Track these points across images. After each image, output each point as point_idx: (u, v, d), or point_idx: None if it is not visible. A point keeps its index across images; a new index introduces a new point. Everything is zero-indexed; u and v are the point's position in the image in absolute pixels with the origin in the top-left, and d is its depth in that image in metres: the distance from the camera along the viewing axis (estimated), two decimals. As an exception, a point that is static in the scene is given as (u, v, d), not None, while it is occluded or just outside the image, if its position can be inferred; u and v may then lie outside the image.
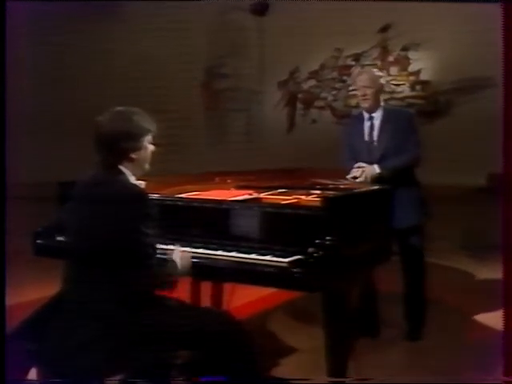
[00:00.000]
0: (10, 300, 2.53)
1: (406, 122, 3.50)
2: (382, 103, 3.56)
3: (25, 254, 2.96)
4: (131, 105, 2.38)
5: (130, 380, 2.16)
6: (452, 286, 4.54)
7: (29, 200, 6.80)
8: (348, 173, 3.42)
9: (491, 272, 2.87)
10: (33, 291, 3.87)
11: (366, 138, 3.52)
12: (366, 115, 3.55)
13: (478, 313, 3.91)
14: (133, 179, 2.33)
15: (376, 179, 3.32)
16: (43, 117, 9.47)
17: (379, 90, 3.53)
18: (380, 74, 3.64)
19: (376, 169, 3.36)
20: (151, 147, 2.38)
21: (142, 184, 2.41)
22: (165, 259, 2.34)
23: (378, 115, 3.50)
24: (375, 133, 3.50)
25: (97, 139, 2.29)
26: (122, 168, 2.29)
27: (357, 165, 3.40)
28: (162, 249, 2.39)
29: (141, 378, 2.17)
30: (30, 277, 4.28)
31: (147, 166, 2.40)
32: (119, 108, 2.35)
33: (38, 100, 9.47)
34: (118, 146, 2.27)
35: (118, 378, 2.15)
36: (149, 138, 2.36)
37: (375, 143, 3.50)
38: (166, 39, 9.68)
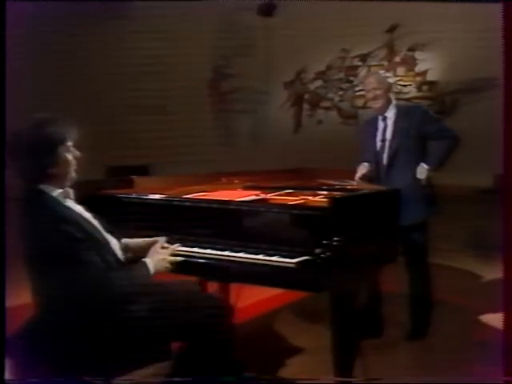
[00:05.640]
0: (10, 301, 2.54)
1: (420, 117, 3.51)
2: (394, 101, 3.58)
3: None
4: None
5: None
6: (458, 286, 4.53)
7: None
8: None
9: (498, 272, 2.87)
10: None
11: (379, 137, 3.57)
12: (379, 117, 3.59)
13: (483, 313, 3.91)
14: (57, 192, 2.18)
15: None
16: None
17: (388, 89, 3.56)
18: (387, 74, 3.69)
19: (424, 166, 3.42)
20: (71, 156, 2.20)
21: (69, 193, 2.23)
22: (136, 260, 2.29)
23: (391, 114, 3.54)
24: (388, 132, 3.53)
25: (15, 153, 2.13)
26: (42, 187, 2.14)
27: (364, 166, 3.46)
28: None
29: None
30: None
31: (73, 175, 2.22)
32: (34, 116, 2.16)
33: (39, 100, 9.47)
34: (32, 162, 2.11)
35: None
36: (66, 146, 2.17)
37: (387, 142, 3.53)
38: (172, 39, 9.69)
